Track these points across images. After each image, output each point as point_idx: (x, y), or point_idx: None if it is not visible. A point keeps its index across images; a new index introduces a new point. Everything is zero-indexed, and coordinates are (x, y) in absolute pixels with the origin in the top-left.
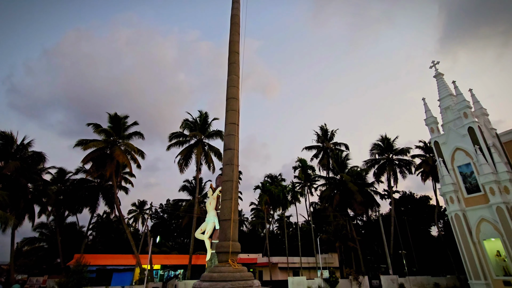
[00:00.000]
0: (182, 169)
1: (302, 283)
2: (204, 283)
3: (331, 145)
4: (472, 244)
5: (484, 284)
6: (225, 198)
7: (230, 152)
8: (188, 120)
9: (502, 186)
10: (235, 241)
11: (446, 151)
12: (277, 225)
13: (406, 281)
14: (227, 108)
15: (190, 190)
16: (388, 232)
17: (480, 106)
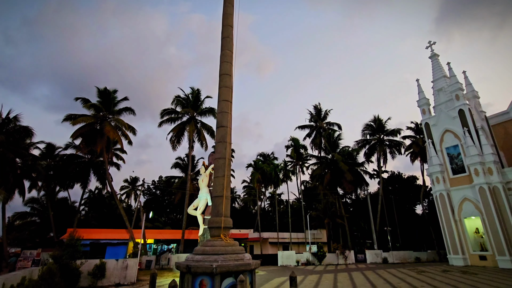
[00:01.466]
0: (175, 146)
1: (291, 257)
2: (197, 256)
3: (324, 124)
4: (454, 221)
5: (461, 258)
6: (217, 175)
7: (223, 130)
8: (179, 97)
9: (486, 168)
10: (227, 216)
11: (436, 133)
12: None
13: (389, 255)
14: (220, 85)
15: (183, 167)
16: (375, 210)
17: (472, 89)
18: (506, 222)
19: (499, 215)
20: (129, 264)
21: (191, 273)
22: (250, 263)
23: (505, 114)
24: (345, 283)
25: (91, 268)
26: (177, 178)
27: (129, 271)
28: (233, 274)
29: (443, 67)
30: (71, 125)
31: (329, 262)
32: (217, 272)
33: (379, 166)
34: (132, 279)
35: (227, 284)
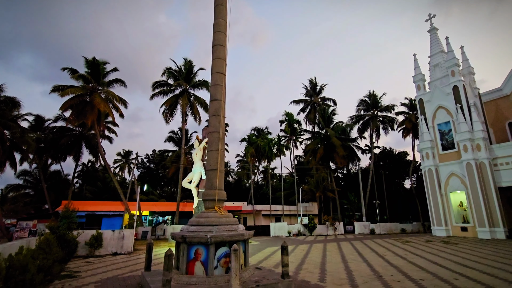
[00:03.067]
0: (167, 120)
1: (283, 228)
2: (192, 227)
3: (319, 99)
4: (440, 195)
5: (444, 229)
6: (211, 149)
7: (216, 103)
8: (171, 69)
9: (475, 144)
10: (221, 189)
11: (429, 109)
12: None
13: (377, 226)
14: (213, 56)
15: (176, 141)
16: (366, 184)
17: (468, 65)
18: (488, 196)
19: (483, 189)
20: (126, 235)
21: (187, 243)
22: (244, 234)
23: (498, 91)
24: (334, 252)
25: (88, 238)
26: (170, 151)
27: (125, 241)
28: (227, 243)
29: (441, 41)
30: (59, 96)
31: (319, 233)
32: (212, 242)
33: (372, 142)
34: (129, 249)
35: (221, 253)
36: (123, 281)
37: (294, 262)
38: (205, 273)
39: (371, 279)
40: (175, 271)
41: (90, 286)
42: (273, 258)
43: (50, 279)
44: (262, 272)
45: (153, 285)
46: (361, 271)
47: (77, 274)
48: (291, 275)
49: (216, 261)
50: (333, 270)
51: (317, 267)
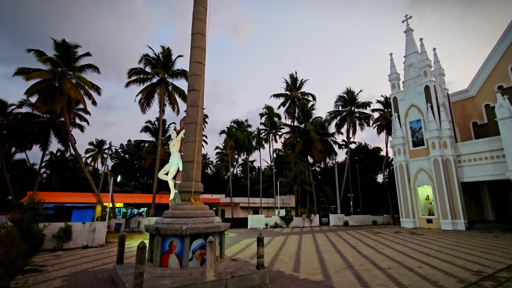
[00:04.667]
0: (144, 109)
1: (260, 220)
2: (167, 219)
3: (299, 94)
4: (409, 189)
5: (411, 221)
6: (188, 140)
7: (194, 93)
8: (148, 56)
9: (442, 142)
10: (197, 181)
11: (402, 107)
12: (241, 169)
13: (350, 219)
14: (192, 45)
15: (153, 131)
16: (341, 178)
17: (439, 66)
18: (452, 190)
19: (448, 184)
20: (97, 227)
21: (161, 235)
22: (220, 226)
23: (465, 93)
24: (309, 243)
25: (56, 231)
26: (147, 142)
27: (97, 234)
28: (203, 236)
29: (416, 42)
30: (24, 80)
31: (296, 225)
32: (187, 234)
33: (348, 137)
34: (100, 242)
35: (196, 245)
36: (93, 274)
37: (270, 253)
38: (179, 265)
39: (343, 269)
40: (149, 264)
41: (57, 280)
42: (250, 249)
43: (12, 274)
44: (238, 264)
45: (125, 278)
46: (333, 261)
47: (42, 268)
48: (266, 266)
49: (191, 253)
50: (307, 260)
51: (292, 257)
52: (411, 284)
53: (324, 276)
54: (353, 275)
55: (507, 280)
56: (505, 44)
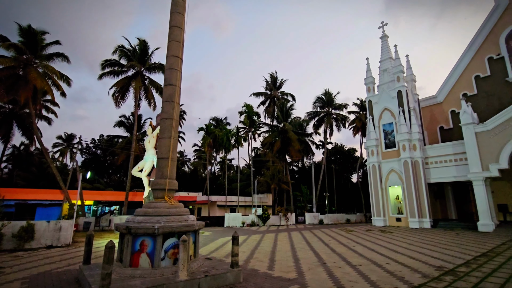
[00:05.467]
0: (118, 103)
1: (237, 218)
2: (139, 217)
3: (278, 94)
4: (380, 189)
5: (382, 220)
6: (163, 136)
7: (171, 88)
8: (124, 47)
9: (412, 144)
10: (172, 179)
11: (376, 110)
12: (219, 167)
13: (325, 217)
14: (169, 38)
15: (128, 126)
16: (318, 177)
17: (411, 72)
18: (420, 190)
19: (416, 185)
20: (63, 226)
21: (132, 234)
22: (194, 224)
23: (433, 99)
24: (284, 241)
25: (17, 230)
26: (121, 137)
27: (63, 233)
28: (176, 234)
29: (391, 48)
30: None
31: (272, 224)
32: (159, 232)
33: (325, 138)
34: (66, 241)
35: (169, 244)
36: (57, 276)
37: (246, 251)
38: (150, 265)
39: (316, 266)
40: (118, 264)
41: (15, 283)
42: (225, 248)
43: None
44: (212, 263)
45: (91, 279)
46: (307, 259)
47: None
48: (241, 264)
49: (163, 253)
50: (282, 258)
51: (267, 256)
52: (379, 280)
53: (298, 274)
54: (326, 272)
55: (465, 275)
56: (470, 55)
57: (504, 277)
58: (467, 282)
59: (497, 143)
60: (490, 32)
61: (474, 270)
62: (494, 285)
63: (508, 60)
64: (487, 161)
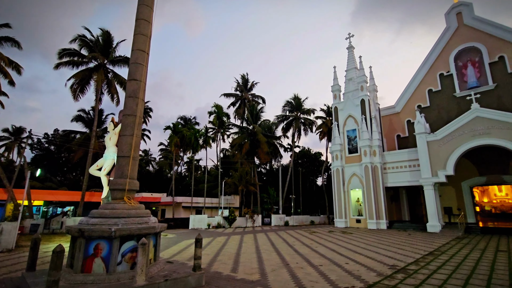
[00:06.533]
0: (77, 96)
1: (203, 220)
2: (93, 219)
3: (249, 96)
4: (343, 192)
5: (343, 221)
6: (125, 134)
7: (135, 84)
8: (85, 37)
9: (372, 150)
10: (133, 178)
11: (341, 117)
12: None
13: (291, 219)
14: (135, 31)
15: (87, 121)
16: (285, 180)
17: (373, 83)
18: (378, 194)
19: (375, 188)
20: (5, 229)
21: (85, 237)
22: (155, 226)
23: (392, 109)
24: (249, 243)
25: None
26: (78, 133)
27: (5, 236)
28: (135, 237)
29: (356, 59)
30: None
31: (239, 225)
32: (117, 235)
33: (293, 141)
34: (9, 245)
35: (127, 248)
36: None
37: (210, 254)
38: (105, 270)
39: (279, 267)
40: (68, 270)
41: None
42: (188, 251)
43: None
44: (174, 266)
45: (35, 287)
46: (271, 260)
47: None
48: (204, 267)
49: (120, 257)
50: (246, 260)
51: (231, 258)
52: (338, 279)
53: (261, 275)
54: (288, 273)
55: (414, 272)
56: (424, 70)
57: (447, 273)
58: (416, 279)
59: (445, 151)
60: (442, 51)
61: (422, 268)
62: (438, 281)
63: (456, 77)
64: (436, 168)
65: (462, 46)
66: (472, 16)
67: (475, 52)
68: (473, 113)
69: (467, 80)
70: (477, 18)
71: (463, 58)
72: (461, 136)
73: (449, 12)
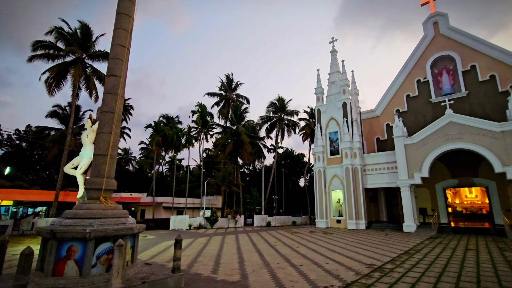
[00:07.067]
0: (52, 91)
1: (184, 221)
2: (67, 220)
3: (233, 96)
4: (324, 193)
5: (324, 222)
6: (103, 131)
7: (114, 80)
8: (62, 29)
9: (353, 152)
10: (110, 178)
11: (324, 119)
12: (167, 167)
13: (273, 219)
14: (116, 26)
15: (63, 118)
16: (268, 180)
17: (355, 87)
18: (358, 195)
19: (355, 189)
20: None
21: (57, 239)
22: (133, 227)
23: (372, 112)
24: (231, 243)
25: None
26: (53, 130)
27: None
28: (111, 238)
29: (339, 63)
30: None
31: (220, 226)
32: (91, 236)
33: (277, 142)
34: None
35: (103, 249)
36: None
37: (190, 255)
38: (78, 273)
39: (260, 268)
40: (37, 274)
41: None
42: (168, 252)
43: None
44: (152, 268)
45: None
46: (252, 261)
47: None
48: (184, 268)
49: (95, 259)
50: (227, 261)
51: (212, 259)
52: (318, 279)
53: (242, 276)
54: (269, 273)
55: (390, 271)
56: (403, 76)
57: (421, 271)
58: (391, 278)
59: (420, 154)
60: (420, 58)
61: (397, 266)
62: (412, 279)
63: (432, 84)
64: (412, 170)
65: (438, 54)
66: (448, 26)
67: (450, 61)
68: (447, 119)
69: (442, 86)
70: (452, 28)
71: (439, 65)
72: (435, 140)
73: (427, 21)
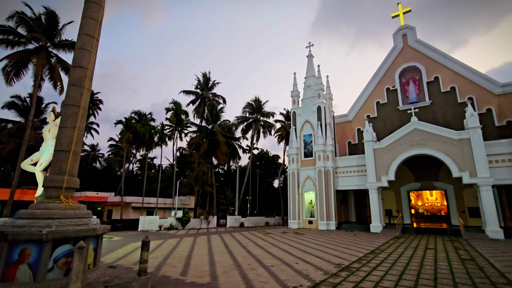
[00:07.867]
0: (10, 80)
1: (154, 221)
2: (20, 220)
3: (210, 95)
4: (298, 194)
5: (297, 222)
6: (66, 126)
7: (80, 71)
8: (24, 15)
9: (326, 155)
10: (73, 175)
11: (299, 121)
12: (138, 166)
13: (246, 220)
14: (84, 14)
15: (22, 109)
16: (242, 181)
17: (329, 91)
18: (329, 196)
19: (326, 191)
20: None
21: (8, 241)
22: (96, 228)
23: (345, 117)
24: (202, 245)
25: None
26: (10, 122)
27: None
28: (72, 240)
29: (315, 67)
30: None
31: (193, 227)
32: (48, 238)
33: (252, 143)
34: None
35: (61, 252)
36: None
37: (159, 257)
38: (32, 278)
39: (231, 269)
40: None
41: None
42: (135, 254)
43: None
44: (116, 271)
45: None
46: (223, 262)
47: None
48: (152, 271)
49: (52, 262)
50: (197, 263)
51: (181, 261)
52: (287, 279)
53: (212, 278)
54: (240, 274)
55: (357, 270)
56: (374, 83)
57: (384, 270)
58: (357, 276)
59: (388, 159)
60: (389, 67)
61: (364, 265)
62: (376, 277)
63: (399, 92)
64: (380, 173)
65: (405, 64)
66: (415, 39)
67: (416, 71)
68: (412, 126)
69: (408, 95)
70: (419, 41)
71: (406, 75)
72: (401, 145)
73: (396, 33)
